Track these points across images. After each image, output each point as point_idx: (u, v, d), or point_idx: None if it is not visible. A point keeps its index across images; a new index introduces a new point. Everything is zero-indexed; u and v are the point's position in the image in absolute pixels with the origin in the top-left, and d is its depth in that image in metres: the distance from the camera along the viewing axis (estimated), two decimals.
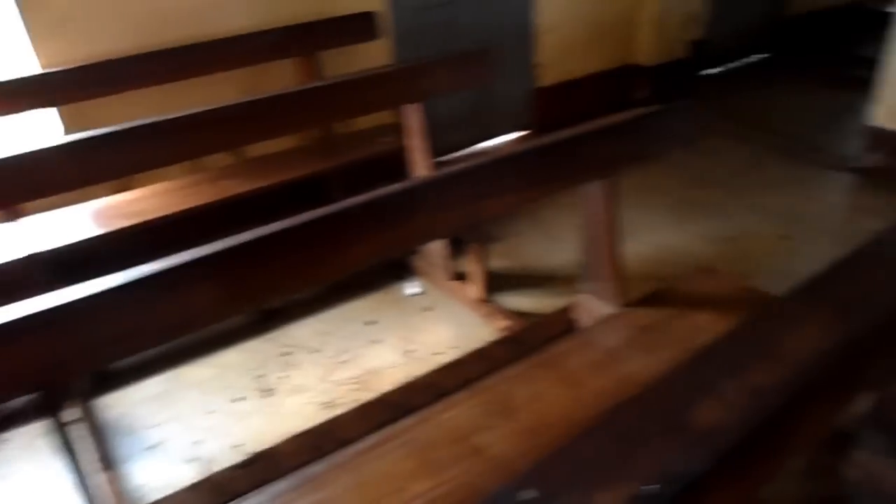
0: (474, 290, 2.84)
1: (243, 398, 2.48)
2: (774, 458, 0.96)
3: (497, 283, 3.03)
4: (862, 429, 1.57)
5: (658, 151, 2.01)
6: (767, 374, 0.97)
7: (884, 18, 3.78)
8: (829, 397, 1.03)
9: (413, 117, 2.71)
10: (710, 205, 3.60)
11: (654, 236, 3.35)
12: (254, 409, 2.42)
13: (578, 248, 2.13)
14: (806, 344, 1.05)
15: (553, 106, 4.48)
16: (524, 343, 2.29)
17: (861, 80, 4.00)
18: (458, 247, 3.00)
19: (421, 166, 2.79)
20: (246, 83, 3.18)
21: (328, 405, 2.42)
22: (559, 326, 2.22)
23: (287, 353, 2.69)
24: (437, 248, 2.94)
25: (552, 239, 3.38)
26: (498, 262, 3.22)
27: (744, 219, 3.46)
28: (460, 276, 2.95)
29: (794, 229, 3.34)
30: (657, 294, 2.09)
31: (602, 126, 1.90)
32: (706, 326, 1.90)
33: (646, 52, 4.80)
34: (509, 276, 3.13)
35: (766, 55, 5.97)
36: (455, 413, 1.69)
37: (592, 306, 2.10)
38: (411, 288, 3.04)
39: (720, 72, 5.67)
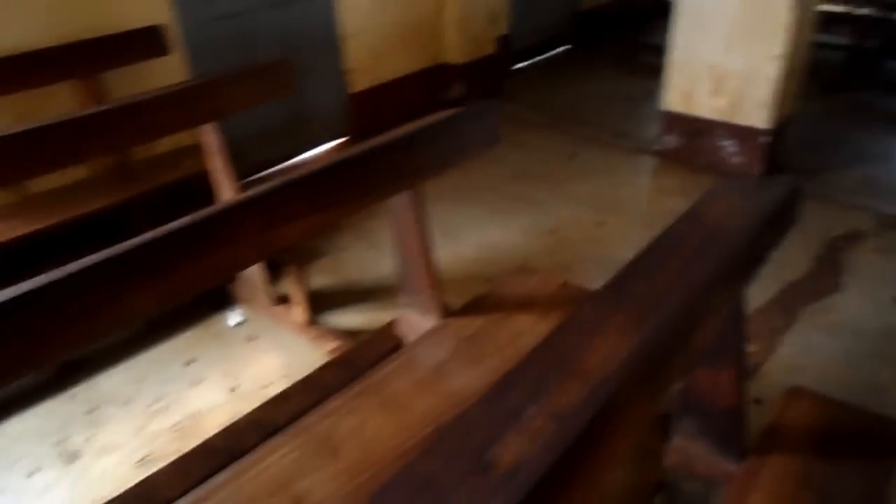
0: (299, 312, 2.70)
1: (41, 469, 2.19)
2: (587, 478, 0.93)
3: (324, 301, 2.92)
4: (675, 413, 1.62)
5: (461, 156, 1.97)
6: (569, 394, 0.94)
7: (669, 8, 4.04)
8: (633, 406, 1.02)
9: (211, 137, 2.53)
10: (530, 198, 3.68)
11: (478, 235, 3.36)
12: (55, 480, 2.15)
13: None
14: (607, 353, 1.03)
15: (369, 110, 4.41)
16: (352, 366, 2.19)
17: (654, 67, 4.26)
18: (277, 269, 2.84)
19: (226, 189, 2.61)
20: (20, 110, 2.84)
21: (145, 462, 2.20)
22: (385, 345, 2.15)
23: (93, 409, 2.42)
24: (255, 273, 2.76)
25: (377, 248, 3.30)
26: (324, 279, 3.10)
27: (562, 209, 3.57)
28: (284, 300, 2.79)
29: (607, 215, 3.48)
30: (478, 301, 2.07)
31: (402, 135, 1.83)
32: (527, 329, 1.90)
33: (454, 50, 4.84)
34: (337, 292, 3.02)
35: (569, 47, 6.24)
36: (278, 457, 1.56)
37: (414, 321, 2.04)
38: (234, 317, 2.85)
39: (529, 65, 5.86)
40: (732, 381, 1.53)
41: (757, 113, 3.61)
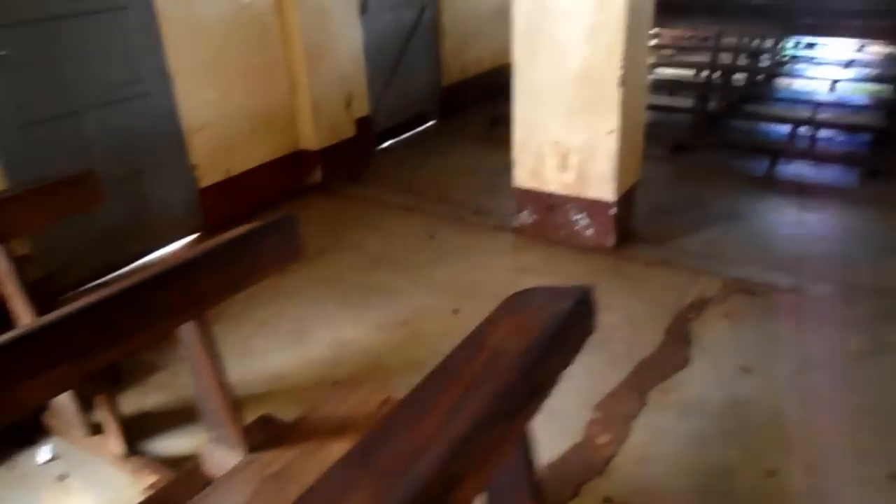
0: (114, 443, 2.43)
1: None
2: None
3: (157, 422, 2.66)
4: None
5: (255, 276, 1.82)
6: None
7: None
8: None
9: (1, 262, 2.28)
10: (386, 287, 3.55)
11: (330, 333, 3.19)
12: None
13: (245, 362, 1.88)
14: None
15: (222, 203, 4.22)
16: None
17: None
18: (89, 396, 2.57)
19: (24, 315, 2.35)
20: None
21: None
22: (193, 484, 1.93)
23: None
24: (65, 402, 2.48)
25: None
26: (158, 397, 2.84)
27: (418, 298, 3.45)
28: (100, 429, 2.52)
29: (463, 301, 3.39)
30: (291, 427, 1.89)
31: (183, 261, 1.66)
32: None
33: (311, 136, 4.75)
34: (170, 411, 2.76)
35: (435, 122, 6.29)
36: None
37: (218, 456, 1.84)
38: (43, 454, 2.54)
39: (395, 143, 5.84)
40: None
41: (602, 185, 3.65)
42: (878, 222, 4.16)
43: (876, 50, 6.99)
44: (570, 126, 3.62)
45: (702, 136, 5.56)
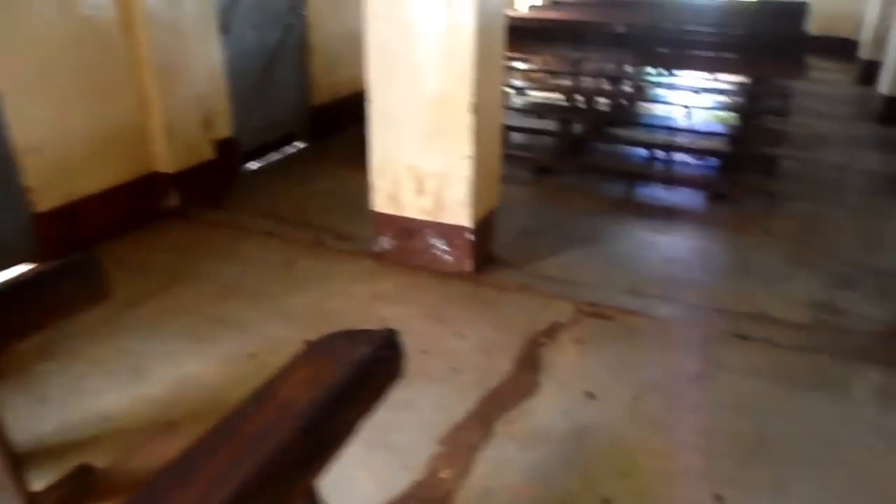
0: None
1: None
2: None
3: None
4: None
5: (51, 320, 1.66)
6: None
7: None
8: None
9: None
10: (237, 319, 3.39)
11: (171, 370, 3.01)
12: None
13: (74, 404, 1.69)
14: None
15: (62, 230, 3.93)
16: None
17: None
18: None
19: None
20: None
21: None
22: None
23: None
24: None
25: (46, 402, 2.82)
26: None
27: (270, 328, 3.31)
28: None
29: (317, 331, 3.26)
30: (103, 479, 1.74)
31: None
32: None
33: (165, 159, 4.52)
34: None
35: (301, 145, 6.15)
36: None
37: None
38: None
39: (262, 166, 5.67)
40: None
41: (459, 211, 3.65)
42: (721, 244, 4.38)
43: (727, 80, 7.43)
44: (426, 151, 3.61)
45: (566, 160, 5.72)
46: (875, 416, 2.73)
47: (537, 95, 7.11)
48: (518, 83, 7.28)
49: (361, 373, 1.30)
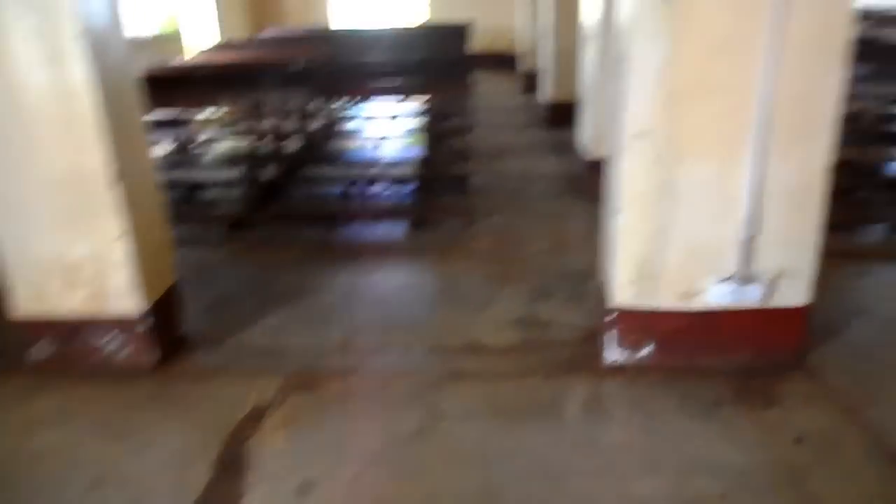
0: None
1: None
2: None
3: None
4: None
5: None
6: None
7: None
8: None
9: None
10: None
11: None
12: None
13: None
14: None
15: None
16: None
17: None
18: None
19: None
20: None
21: None
22: None
23: None
24: None
25: None
26: None
27: None
28: None
29: None
30: None
31: None
32: None
33: None
34: None
35: None
36: None
37: None
38: None
39: None
40: None
41: (125, 298, 3.09)
42: (427, 273, 4.31)
43: (412, 105, 7.58)
44: (68, 238, 2.99)
45: (259, 209, 5.31)
46: (584, 433, 2.70)
47: (224, 145, 6.62)
48: (203, 135, 6.74)
49: None
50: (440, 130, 6.74)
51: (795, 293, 2.96)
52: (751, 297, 2.94)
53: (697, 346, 3.07)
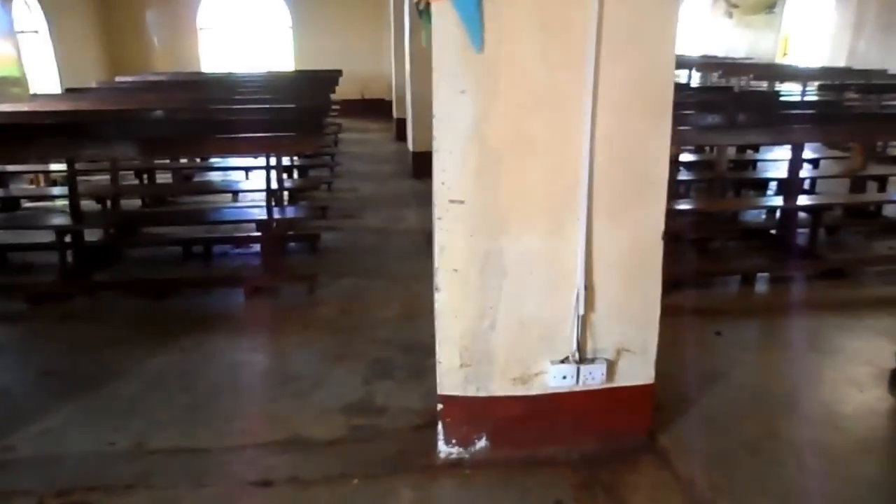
0: None
1: None
2: None
3: None
4: None
5: None
6: None
7: None
8: None
9: None
10: None
11: None
12: None
13: None
14: None
15: None
16: None
17: None
18: None
19: None
20: None
21: None
22: None
23: None
24: None
25: None
26: None
27: None
28: None
29: None
30: None
31: None
32: None
33: None
34: None
35: None
36: None
37: None
38: None
39: None
40: None
41: None
42: (256, 352, 3.82)
43: (269, 156, 7.08)
44: None
45: (78, 278, 4.67)
46: None
47: (40, 206, 5.92)
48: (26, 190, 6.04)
49: None
50: (295, 185, 6.29)
51: (639, 370, 2.67)
52: (591, 377, 2.62)
53: (538, 435, 2.72)
